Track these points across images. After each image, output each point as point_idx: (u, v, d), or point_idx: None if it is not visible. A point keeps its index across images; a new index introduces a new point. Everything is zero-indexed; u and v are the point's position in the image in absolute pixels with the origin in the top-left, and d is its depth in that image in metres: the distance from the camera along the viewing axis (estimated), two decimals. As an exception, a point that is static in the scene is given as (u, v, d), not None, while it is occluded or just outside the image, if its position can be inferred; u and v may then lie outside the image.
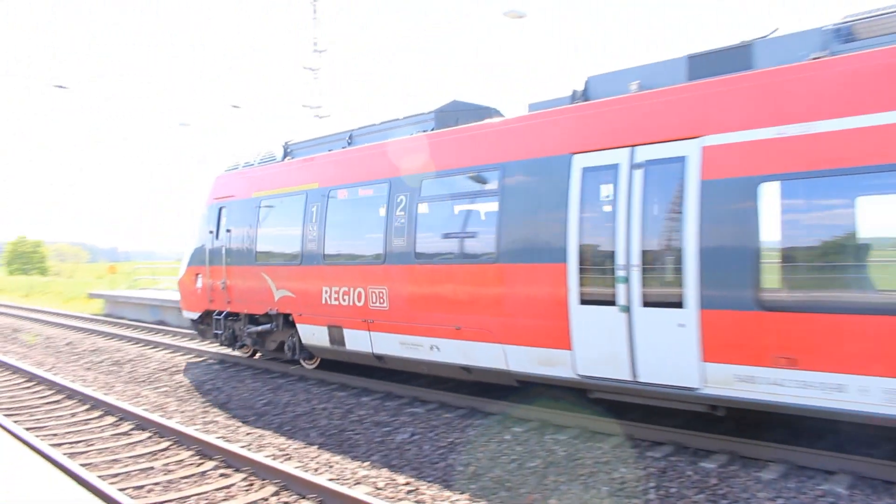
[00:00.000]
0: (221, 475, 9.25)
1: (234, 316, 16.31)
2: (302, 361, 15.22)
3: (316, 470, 9.37)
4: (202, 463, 9.78)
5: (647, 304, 8.87)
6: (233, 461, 9.57)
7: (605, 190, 9.42)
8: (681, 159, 8.68)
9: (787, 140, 7.88)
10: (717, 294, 8.28)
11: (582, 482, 8.34)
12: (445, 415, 11.02)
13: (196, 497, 8.45)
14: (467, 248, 11.15)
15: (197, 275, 17.38)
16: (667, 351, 8.70)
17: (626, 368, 9.11)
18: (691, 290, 8.41)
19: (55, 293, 47.91)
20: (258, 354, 16.86)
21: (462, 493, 8.46)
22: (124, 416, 12.37)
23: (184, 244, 19.32)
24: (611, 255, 9.19)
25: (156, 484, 8.95)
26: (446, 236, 11.51)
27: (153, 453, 10.39)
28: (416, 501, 8.23)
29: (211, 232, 16.91)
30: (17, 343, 23.69)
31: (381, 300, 12.31)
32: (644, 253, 8.91)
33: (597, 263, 9.43)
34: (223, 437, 11.00)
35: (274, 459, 9.66)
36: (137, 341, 21.09)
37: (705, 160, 8.44)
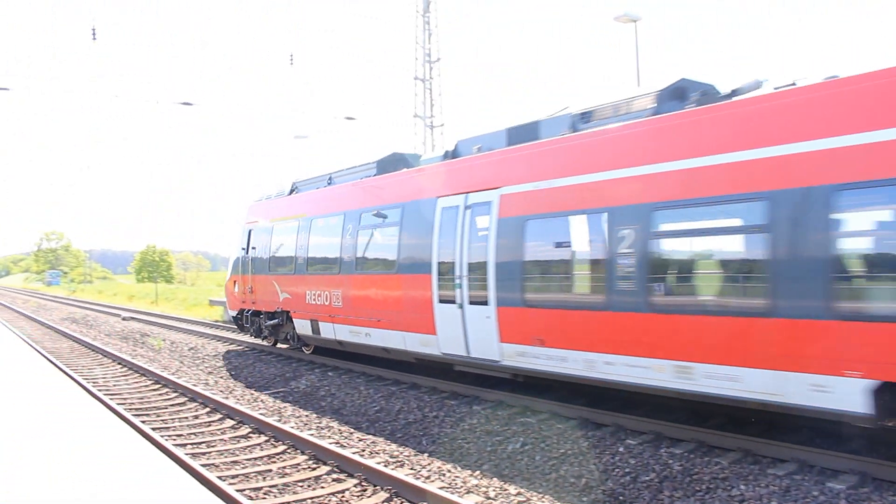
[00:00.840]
0: (335, 479, 9.42)
1: (257, 313, 21.19)
2: (303, 348, 19.82)
3: (427, 477, 9.41)
4: (317, 467, 9.99)
5: (471, 302, 12.61)
6: (346, 466, 9.73)
7: (451, 223, 13.15)
8: (488, 203, 12.38)
9: (538, 192, 11.54)
10: (505, 296, 11.93)
11: (699, 499, 8.06)
12: (557, 425, 10.88)
13: (311, 500, 8.63)
14: (381, 262, 15.41)
15: (235, 282, 22.47)
16: (482, 335, 12.44)
17: (463, 348, 12.91)
18: (492, 293, 12.13)
19: (179, 300, 50.25)
20: (277, 344, 21.29)
21: (574, 506, 8.34)
22: (243, 419, 12.80)
23: (229, 257, 24.75)
24: (452, 268, 12.98)
25: (273, 486, 9.19)
26: (371, 253, 15.70)
27: (270, 456, 10.69)
28: (527, 512, 8.16)
29: (243, 249, 21.87)
30: (146, 347, 24.94)
31: (339, 300, 16.63)
32: (469, 266, 12.68)
33: (446, 274, 13.18)
34: (337, 443, 11.21)
35: (386, 466, 9.77)
36: (254, 348, 21.83)
37: (501, 204, 12.13)
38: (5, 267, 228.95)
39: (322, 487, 9.15)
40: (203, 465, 9.77)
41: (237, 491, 8.56)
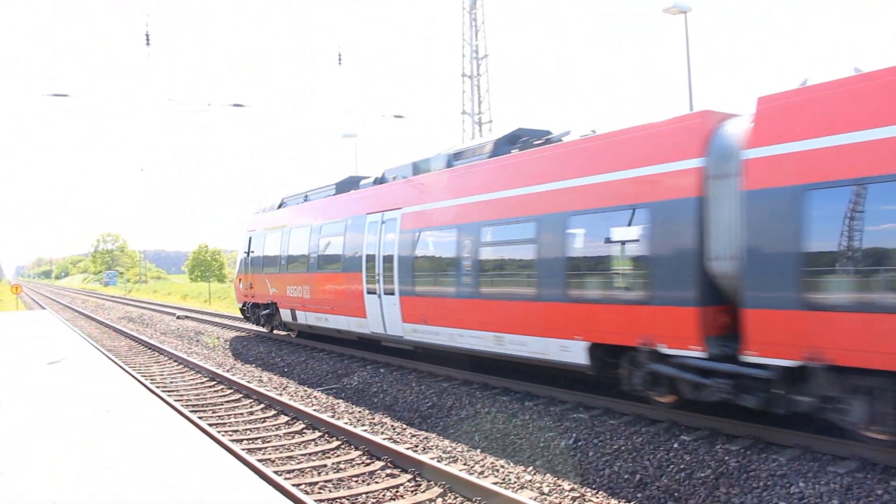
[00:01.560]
0: (389, 475, 9.50)
1: (256, 305, 25.82)
2: (290, 334, 24.31)
3: (481, 473, 9.44)
4: (371, 462, 10.09)
5: (385, 293, 16.84)
6: (400, 461, 9.81)
7: (374, 233, 17.46)
8: (395, 219, 16.66)
9: (427, 211, 15.59)
10: (404, 288, 16.09)
11: (756, 496, 7.94)
12: (610, 421, 10.82)
13: (366, 495, 8.73)
14: (332, 263, 19.72)
15: (240, 279, 27.46)
16: (393, 317, 16.62)
17: (382, 327, 17.14)
18: (397, 286, 16.36)
19: (231, 299, 50.95)
20: (273, 330, 25.29)
21: (629, 502, 8.27)
22: (297, 415, 12.98)
23: (236, 259, 30.52)
24: (374, 267, 17.30)
25: (328, 481, 9.31)
26: (326, 256, 20.08)
27: (324, 452, 10.82)
28: (582, 508, 8.14)
29: (245, 252, 26.69)
30: (200, 345, 25.41)
31: (307, 293, 21.09)
32: (383, 266, 16.92)
33: (370, 271, 17.51)
34: (390, 438, 11.31)
35: (439, 461, 9.82)
36: (305, 347, 22.10)
37: (402, 220, 16.38)
38: (64, 268, 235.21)
39: (376, 482, 9.24)
40: (259, 461, 9.94)
41: (293, 486, 8.69)
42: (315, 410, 13.23)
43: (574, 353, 11.60)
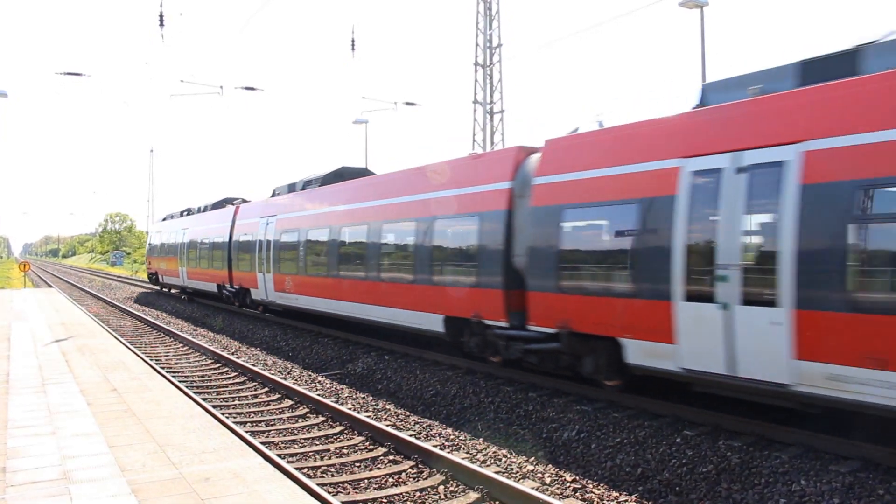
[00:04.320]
0: (392, 461, 9.54)
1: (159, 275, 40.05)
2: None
3: (483, 462, 9.48)
4: (374, 448, 10.13)
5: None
6: (403, 448, 9.85)
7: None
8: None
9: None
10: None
11: (758, 492, 7.95)
12: (614, 414, 10.82)
13: (368, 480, 8.77)
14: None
15: (149, 261, 39.51)
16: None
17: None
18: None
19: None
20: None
21: (630, 495, 8.29)
22: (301, 399, 13.03)
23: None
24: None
25: (330, 465, 9.36)
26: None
27: (328, 436, 10.88)
28: (583, 499, 8.14)
29: (149, 243, 41.33)
30: (206, 328, 25.49)
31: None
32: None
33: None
34: (393, 425, 11.35)
35: (442, 449, 9.86)
36: (310, 332, 22.14)
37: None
38: (72, 247, 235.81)
39: (379, 468, 9.28)
40: (263, 444, 9.99)
41: (296, 469, 8.73)
42: (319, 395, 13.28)
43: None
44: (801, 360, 8.43)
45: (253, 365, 16.73)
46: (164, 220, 43.53)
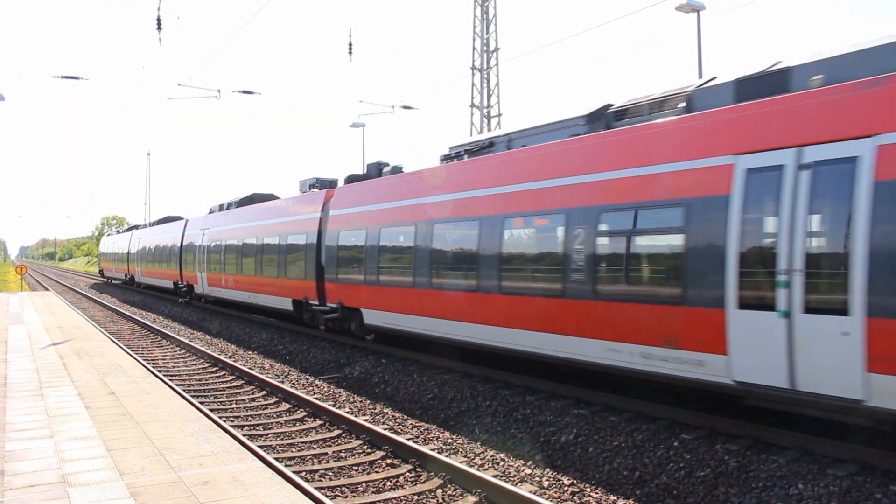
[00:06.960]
0: (389, 465, 9.54)
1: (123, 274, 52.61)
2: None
3: (481, 465, 9.48)
4: (371, 452, 10.13)
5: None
6: (400, 451, 9.85)
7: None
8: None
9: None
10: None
11: (755, 496, 7.97)
12: (611, 417, 10.83)
13: (366, 483, 8.77)
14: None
15: (108, 262, 58.70)
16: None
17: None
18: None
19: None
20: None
21: (628, 498, 8.30)
22: (299, 403, 13.03)
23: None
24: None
25: (328, 469, 9.36)
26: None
27: (325, 440, 10.88)
28: (580, 503, 8.17)
29: (102, 251, 61.16)
30: (203, 331, 25.48)
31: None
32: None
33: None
34: (391, 429, 11.35)
35: (440, 452, 9.86)
36: (307, 335, 22.14)
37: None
38: (69, 250, 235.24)
39: (376, 472, 9.29)
40: (261, 447, 9.99)
41: (294, 472, 8.73)
42: (317, 399, 13.28)
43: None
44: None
45: (250, 368, 16.73)
46: (127, 230, 58.09)
